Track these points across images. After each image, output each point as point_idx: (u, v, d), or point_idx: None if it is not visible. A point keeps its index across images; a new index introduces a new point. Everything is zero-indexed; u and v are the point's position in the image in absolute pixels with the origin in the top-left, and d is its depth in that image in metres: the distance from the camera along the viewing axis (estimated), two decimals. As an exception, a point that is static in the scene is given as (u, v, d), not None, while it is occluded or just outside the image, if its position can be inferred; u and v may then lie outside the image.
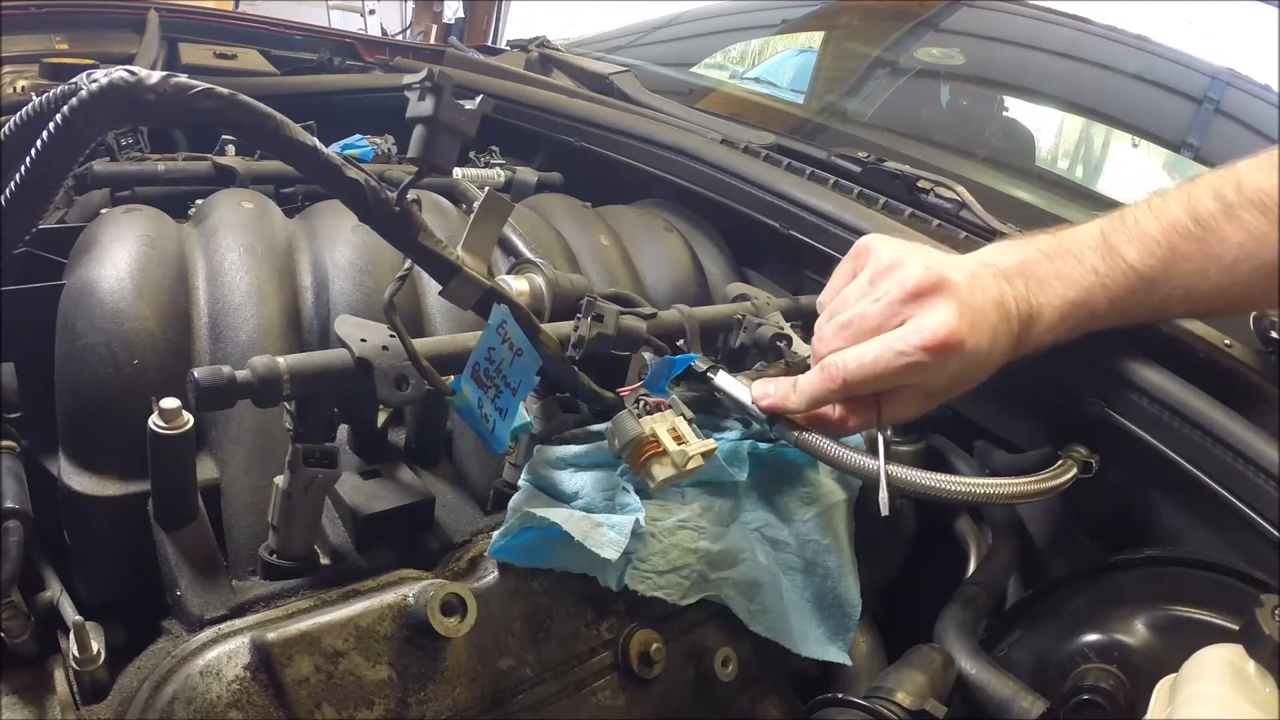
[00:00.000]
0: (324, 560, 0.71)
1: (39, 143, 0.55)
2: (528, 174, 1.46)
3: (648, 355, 0.78)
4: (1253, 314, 0.88)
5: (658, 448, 0.68)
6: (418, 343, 0.68)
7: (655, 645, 0.73)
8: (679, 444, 0.68)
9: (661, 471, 0.68)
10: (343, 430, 0.80)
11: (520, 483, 0.74)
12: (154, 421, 0.62)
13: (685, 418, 0.72)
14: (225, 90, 0.57)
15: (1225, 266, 0.69)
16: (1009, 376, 0.74)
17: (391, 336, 0.68)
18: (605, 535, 0.68)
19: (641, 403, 0.71)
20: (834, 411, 0.74)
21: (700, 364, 0.78)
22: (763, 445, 0.82)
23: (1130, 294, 0.72)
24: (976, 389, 0.73)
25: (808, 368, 0.76)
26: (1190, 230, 0.70)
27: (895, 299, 0.69)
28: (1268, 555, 0.73)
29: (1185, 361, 0.84)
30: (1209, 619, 0.72)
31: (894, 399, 0.72)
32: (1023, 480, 0.74)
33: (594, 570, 0.71)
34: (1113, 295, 0.72)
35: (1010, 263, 0.73)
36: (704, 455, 0.69)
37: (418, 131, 0.63)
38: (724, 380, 0.78)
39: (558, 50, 1.97)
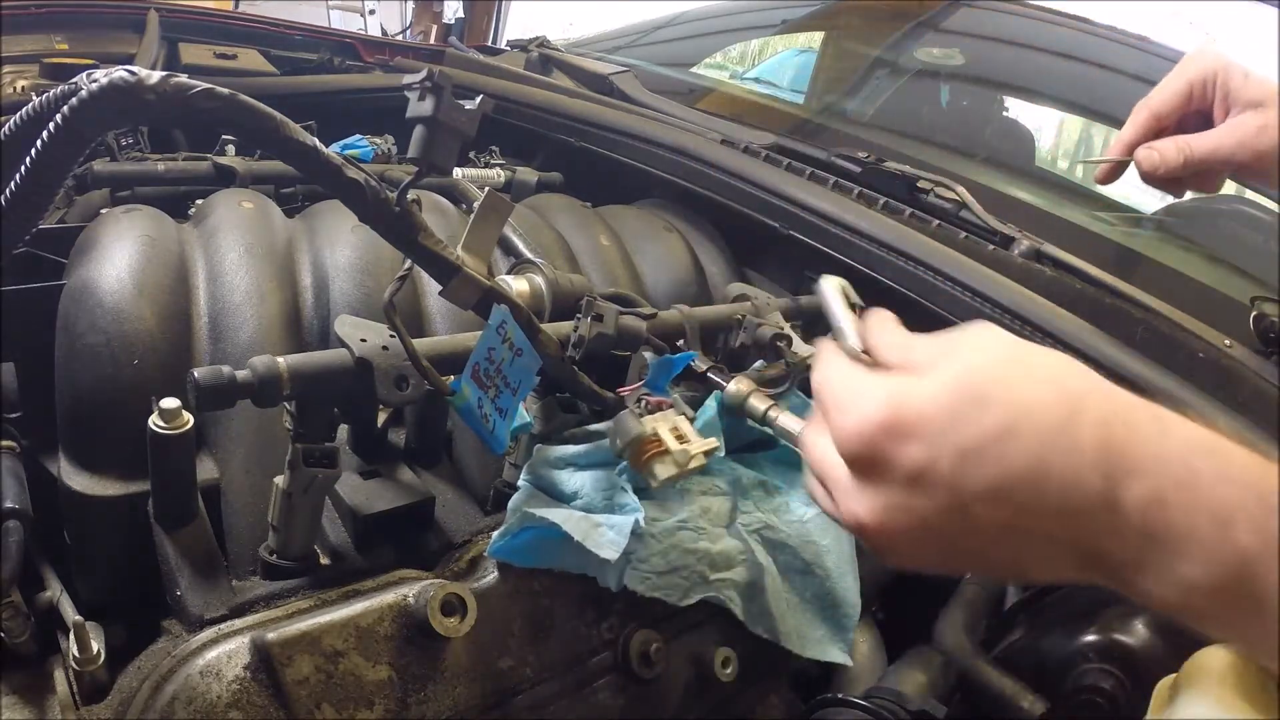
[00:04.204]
0: (324, 560, 0.71)
1: (39, 143, 0.55)
2: (528, 174, 1.46)
3: (648, 355, 0.78)
4: (1253, 314, 0.88)
5: (660, 446, 0.68)
6: (418, 343, 0.68)
7: (655, 645, 0.73)
8: (681, 443, 0.69)
9: (664, 470, 0.68)
10: (343, 430, 0.80)
11: (520, 483, 0.74)
12: (154, 421, 0.62)
13: (686, 417, 0.72)
14: (225, 90, 0.57)
15: None
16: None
17: (391, 336, 0.68)
18: (605, 535, 0.68)
19: (643, 402, 0.71)
20: None
21: (700, 364, 0.78)
22: (766, 449, 0.82)
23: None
24: None
25: (808, 368, 0.76)
26: None
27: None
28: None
29: (1185, 361, 0.84)
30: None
31: None
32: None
33: (594, 570, 0.71)
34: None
35: None
36: (706, 454, 0.69)
37: (418, 131, 0.63)
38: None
39: (558, 50, 1.97)
